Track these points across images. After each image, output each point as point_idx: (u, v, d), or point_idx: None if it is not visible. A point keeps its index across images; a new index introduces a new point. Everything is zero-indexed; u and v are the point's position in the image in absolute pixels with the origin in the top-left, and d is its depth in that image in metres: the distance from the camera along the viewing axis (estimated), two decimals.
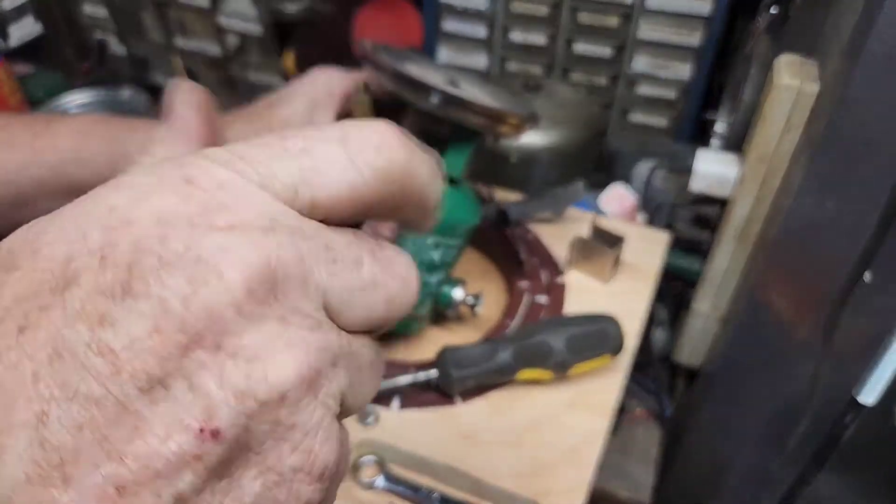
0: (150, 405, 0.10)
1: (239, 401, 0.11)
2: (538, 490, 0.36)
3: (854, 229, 0.38)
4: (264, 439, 0.11)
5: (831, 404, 0.37)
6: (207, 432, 0.11)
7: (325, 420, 0.12)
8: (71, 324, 0.10)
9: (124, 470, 0.10)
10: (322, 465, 0.12)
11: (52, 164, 0.36)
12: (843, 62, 0.36)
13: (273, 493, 0.12)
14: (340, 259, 0.13)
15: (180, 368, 0.11)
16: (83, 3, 0.92)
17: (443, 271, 0.42)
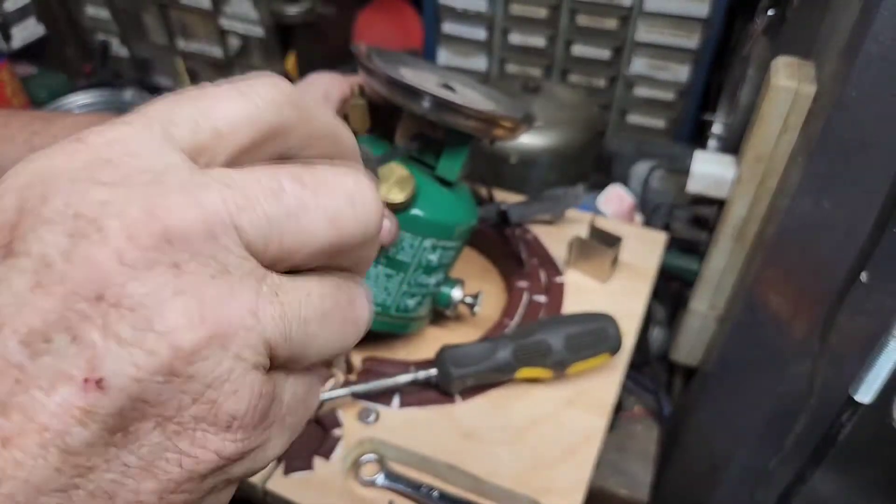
0: (31, 358, 0.10)
1: (125, 350, 0.11)
2: (537, 488, 0.36)
3: (851, 229, 0.38)
4: (160, 390, 0.11)
5: (828, 403, 0.38)
6: (91, 382, 0.10)
7: (234, 372, 0.11)
8: None
9: (8, 423, 0.10)
10: (228, 415, 0.12)
11: None
12: (840, 63, 0.36)
13: (174, 443, 0.11)
14: (251, 193, 0.12)
15: (62, 321, 0.10)
16: (85, 5, 0.92)
17: (441, 272, 0.42)
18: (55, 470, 0.10)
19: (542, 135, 0.64)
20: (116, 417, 0.11)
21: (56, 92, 0.88)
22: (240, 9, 0.82)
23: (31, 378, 0.10)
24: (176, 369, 0.11)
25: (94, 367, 0.10)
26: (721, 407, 0.50)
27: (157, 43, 0.91)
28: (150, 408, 0.11)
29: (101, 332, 0.11)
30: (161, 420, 0.11)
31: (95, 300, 0.11)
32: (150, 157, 0.12)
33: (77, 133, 0.12)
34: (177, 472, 0.12)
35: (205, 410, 0.11)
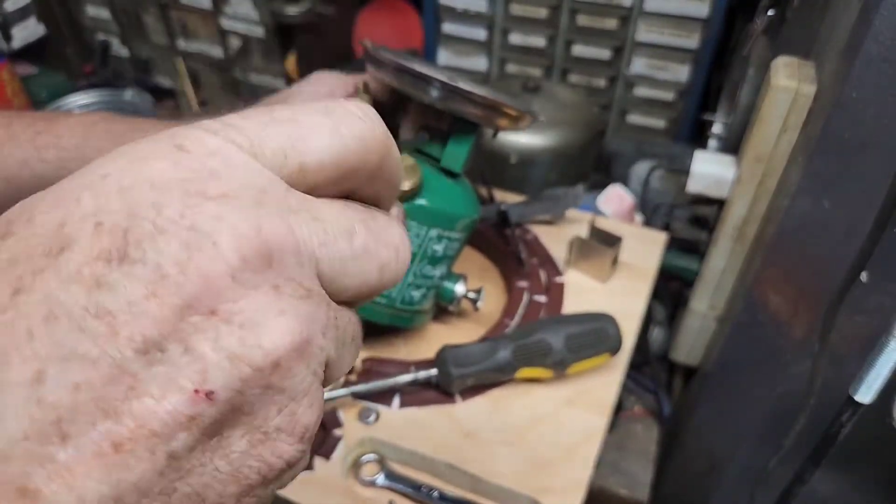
0: (146, 367, 0.11)
1: (233, 364, 0.11)
2: (537, 487, 0.36)
3: (850, 229, 0.38)
4: (255, 402, 0.12)
5: (828, 403, 0.38)
6: (202, 394, 0.11)
7: (312, 386, 0.13)
8: (66, 287, 0.11)
9: (121, 428, 0.11)
10: (304, 427, 0.13)
11: (54, 161, 0.36)
12: (840, 63, 0.36)
13: (257, 451, 0.12)
14: (331, 230, 0.13)
15: (176, 332, 0.11)
16: (86, 5, 0.92)
17: (445, 264, 0.42)
18: (159, 474, 0.11)
19: (542, 135, 0.64)
20: (217, 425, 0.11)
21: (56, 92, 0.88)
22: (240, 9, 0.82)
23: (144, 385, 0.11)
24: (273, 383, 0.12)
25: (205, 379, 0.11)
26: (721, 407, 0.50)
27: (158, 43, 0.91)
28: (245, 416, 0.12)
29: (213, 345, 0.11)
30: (250, 429, 0.12)
31: (208, 314, 0.11)
32: (251, 173, 0.12)
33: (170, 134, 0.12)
34: (255, 479, 0.12)
35: (287, 421, 0.12)
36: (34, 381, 0.10)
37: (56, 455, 0.10)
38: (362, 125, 0.14)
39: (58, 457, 0.10)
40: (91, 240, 0.11)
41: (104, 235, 0.11)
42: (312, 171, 0.13)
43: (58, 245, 0.11)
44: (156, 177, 0.11)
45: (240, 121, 0.13)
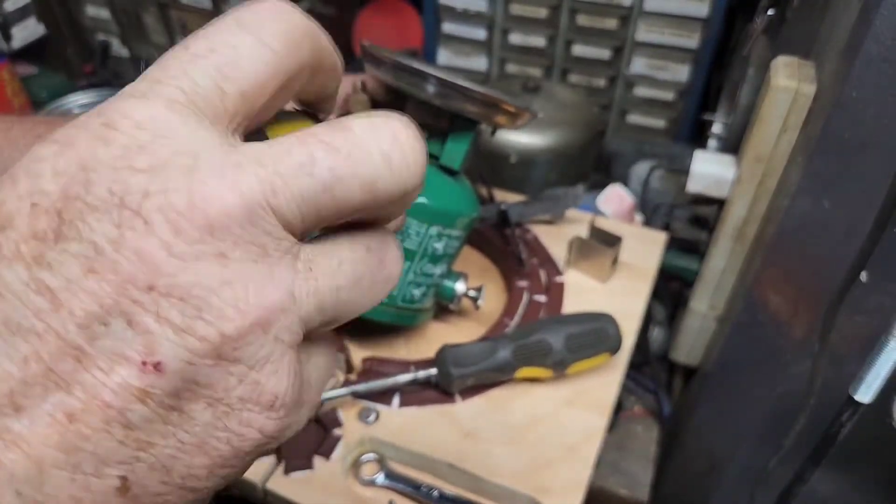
0: (90, 341, 0.11)
1: (179, 336, 0.11)
2: (537, 487, 0.36)
3: (850, 229, 0.38)
4: (209, 373, 0.12)
5: (828, 403, 0.38)
6: (150, 366, 0.11)
7: (273, 354, 0.12)
8: (8, 264, 0.11)
9: (72, 399, 0.11)
10: (271, 395, 0.12)
11: None
12: (840, 63, 0.36)
13: (223, 423, 0.12)
14: (283, 171, 0.12)
15: (117, 306, 0.11)
16: (86, 5, 0.92)
17: (446, 262, 0.42)
18: (118, 443, 0.11)
19: (542, 134, 0.64)
20: (172, 397, 0.11)
21: (56, 92, 0.88)
22: None
23: (91, 358, 0.11)
24: (224, 353, 0.12)
25: (151, 351, 0.11)
26: (721, 407, 0.50)
27: (158, 43, 0.91)
28: (202, 389, 0.12)
29: (156, 319, 0.11)
30: (212, 401, 0.12)
31: (147, 289, 0.11)
32: (183, 138, 0.12)
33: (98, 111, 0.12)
34: (226, 450, 0.12)
35: (249, 391, 0.12)
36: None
37: (11, 426, 0.11)
38: (280, 23, 0.13)
39: (13, 427, 0.11)
40: (28, 219, 0.11)
41: (41, 215, 0.11)
42: (255, 94, 0.13)
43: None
44: (86, 157, 0.11)
45: (163, 72, 0.12)
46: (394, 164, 0.13)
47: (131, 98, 0.12)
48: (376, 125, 0.13)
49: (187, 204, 0.11)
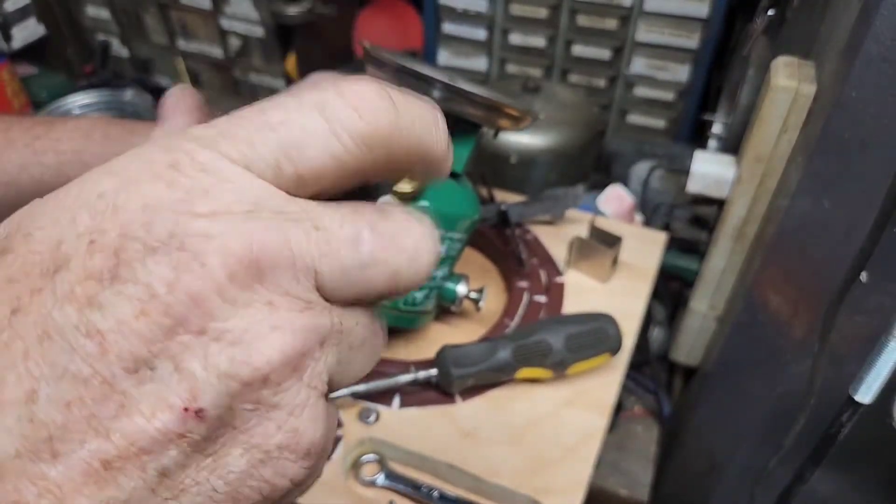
0: (136, 385, 0.11)
1: (222, 382, 0.11)
2: (537, 487, 0.36)
3: (850, 229, 0.38)
4: (249, 418, 0.12)
5: (828, 403, 0.38)
6: (192, 411, 0.11)
7: (310, 400, 0.12)
8: (60, 306, 0.11)
9: (110, 446, 0.11)
10: (307, 443, 0.12)
11: (52, 165, 0.36)
12: (840, 63, 0.36)
13: (259, 471, 0.12)
14: (333, 239, 0.12)
15: (165, 350, 0.11)
16: (86, 5, 0.92)
17: (448, 265, 0.42)
18: (150, 491, 0.11)
19: (542, 135, 0.64)
20: (209, 443, 0.11)
21: (56, 92, 0.88)
22: (240, 9, 0.82)
23: (134, 403, 0.11)
24: (264, 399, 0.12)
25: (194, 397, 0.11)
26: (721, 407, 0.50)
27: (158, 43, 0.91)
28: (240, 434, 0.12)
29: (202, 363, 0.11)
30: (249, 447, 0.12)
31: (198, 333, 0.11)
32: (243, 187, 0.12)
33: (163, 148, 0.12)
34: (256, 498, 0.12)
35: (289, 438, 0.12)
36: (27, 400, 0.10)
37: (47, 472, 0.10)
38: (362, 125, 0.12)
39: (49, 474, 0.10)
40: (84, 259, 0.11)
41: (97, 255, 0.11)
42: (311, 180, 0.13)
43: (54, 264, 0.11)
44: (149, 198, 0.11)
45: (232, 128, 0.12)
46: (415, 262, 0.13)
47: (197, 142, 0.12)
48: (412, 220, 0.14)
49: (244, 251, 0.11)
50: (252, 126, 0.12)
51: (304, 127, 0.12)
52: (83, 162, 0.37)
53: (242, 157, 0.12)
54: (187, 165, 0.12)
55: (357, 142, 0.13)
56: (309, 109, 0.12)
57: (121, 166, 0.12)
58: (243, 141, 0.12)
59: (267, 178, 0.12)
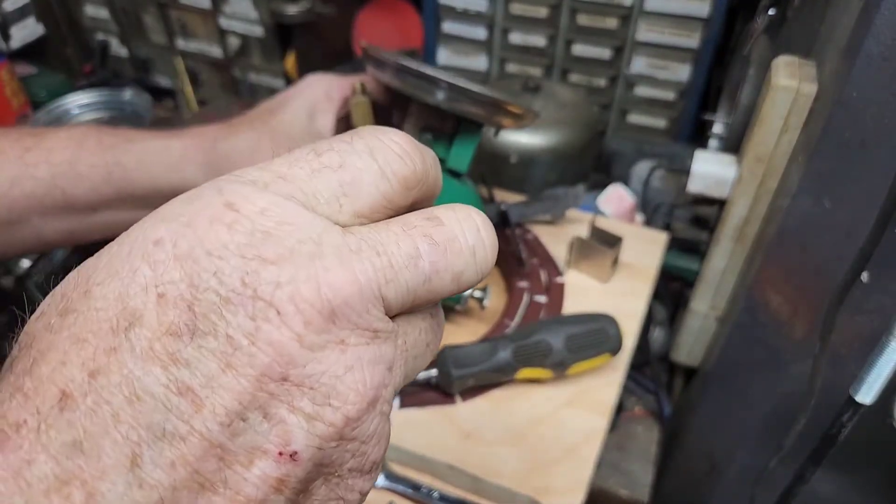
0: (231, 437, 0.11)
1: (311, 424, 0.12)
2: (537, 488, 0.36)
3: (851, 228, 0.38)
4: (332, 453, 0.12)
5: (829, 403, 0.38)
6: (286, 455, 0.11)
7: (378, 426, 0.13)
8: (143, 365, 0.11)
9: (218, 498, 0.11)
10: (373, 462, 0.13)
11: (45, 177, 0.35)
12: (841, 63, 0.36)
13: (335, 492, 0.13)
14: (396, 262, 0.13)
15: (254, 400, 0.11)
16: (85, 5, 0.92)
17: None
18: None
19: (542, 134, 0.64)
20: (303, 482, 0.12)
21: (56, 92, 0.88)
22: (239, 8, 0.81)
23: (232, 455, 0.11)
24: (345, 434, 0.12)
25: (286, 442, 0.12)
26: (721, 407, 0.50)
27: (157, 42, 0.91)
28: (325, 468, 0.12)
29: (289, 409, 0.11)
30: (328, 476, 0.13)
31: (281, 381, 0.11)
32: (304, 225, 0.12)
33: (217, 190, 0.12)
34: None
35: (359, 462, 0.13)
36: (132, 465, 0.10)
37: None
38: (405, 167, 0.14)
39: None
40: (157, 313, 0.11)
41: (169, 308, 0.11)
42: (364, 215, 0.13)
43: (124, 321, 0.11)
44: (211, 242, 0.11)
45: (288, 170, 0.13)
46: (478, 257, 0.14)
47: (253, 185, 0.12)
48: (462, 218, 0.14)
49: (315, 294, 0.12)
50: (311, 167, 0.13)
51: (360, 167, 0.13)
52: (77, 173, 0.36)
53: (304, 196, 0.13)
54: (245, 207, 0.12)
55: (401, 182, 0.14)
56: (361, 153, 0.13)
57: (173, 211, 0.12)
58: (304, 181, 0.13)
59: (325, 215, 0.13)
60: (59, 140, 0.36)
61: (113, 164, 0.36)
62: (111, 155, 0.36)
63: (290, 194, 0.12)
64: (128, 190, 0.36)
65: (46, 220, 0.36)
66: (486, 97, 0.35)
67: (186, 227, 0.11)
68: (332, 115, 0.40)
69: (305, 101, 0.39)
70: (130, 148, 0.36)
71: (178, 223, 0.12)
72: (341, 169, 0.13)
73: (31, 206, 0.35)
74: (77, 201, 0.36)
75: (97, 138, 0.37)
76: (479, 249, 0.14)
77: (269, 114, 0.39)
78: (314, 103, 0.39)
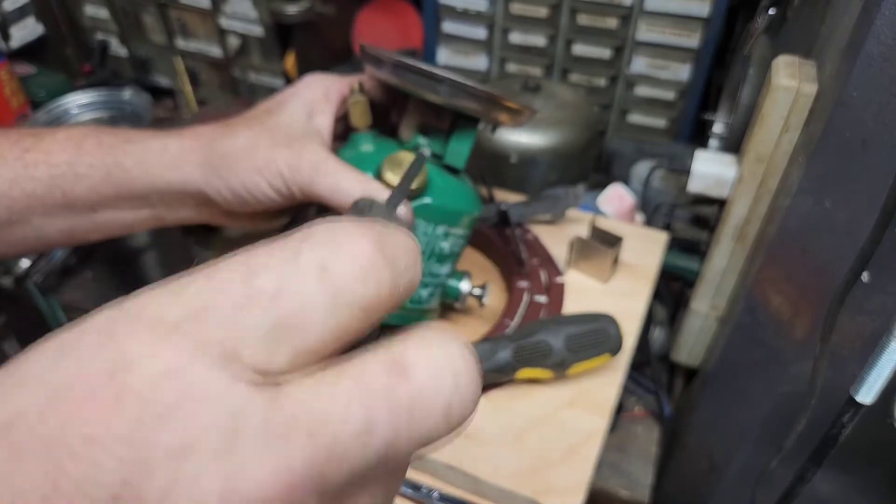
0: None
1: None
2: (538, 488, 0.36)
3: (852, 228, 0.38)
4: None
5: (829, 403, 0.38)
6: None
7: None
8: None
9: None
10: None
11: (44, 178, 0.35)
12: (841, 63, 0.36)
13: None
14: (339, 443, 0.09)
15: None
16: (85, 5, 0.92)
17: (451, 262, 0.42)
18: None
19: (542, 134, 0.64)
20: None
21: (55, 91, 0.88)
22: (239, 8, 0.81)
23: None
24: None
25: None
26: (722, 407, 0.50)
27: (157, 42, 0.91)
28: None
29: None
30: None
31: None
32: (215, 400, 0.09)
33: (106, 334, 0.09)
34: None
35: None
36: None
37: None
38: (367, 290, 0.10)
39: None
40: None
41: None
42: (311, 354, 0.10)
43: None
44: (90, 425, 0.08)
45: (207, 300, 0.10)
46: (453, 416, 0.11)
47: (156, 327, 0.09)
48: (438, 365, 0.11)
49: (220, 497, 0.09)
50: (238, 295, 0.10)
51: (305, 295, 0.10)
52: (76, 174, 0.35)
53: (221, 345, 0.09)
54: (138, 372, 0.09)
55: (362, 310, 0.11)
56: (307, 273, 0.10)
57: (42, 377, 0.09)
58: (224, 323, 0.09)
59: (255, 363, 0.10)
60: (57, 141, 0.36)
61: (112, 165, 0.36)
62: (110, 156, 0.36)
63: (203, 344, 0.09)
64: (127, 189, 0.36)
65: (46, 220, 0.36)
66: (482, 92, 0.35)
67: (55, 399, 0.08)
68: (329, 115, 0.39)
69: (303, 100, 0.39)
70: (129, 148, 0.36)
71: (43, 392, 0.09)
72: (279, 297, 0.10)
73: (31, 206, 0.35)
74: (77, 201, 0.36)
75: (96, 139, 0.36)
76: (456, 406, 0.11)
77: (267, 114, 0.38)
78: (312, 103, 0.39)
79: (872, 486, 0.47)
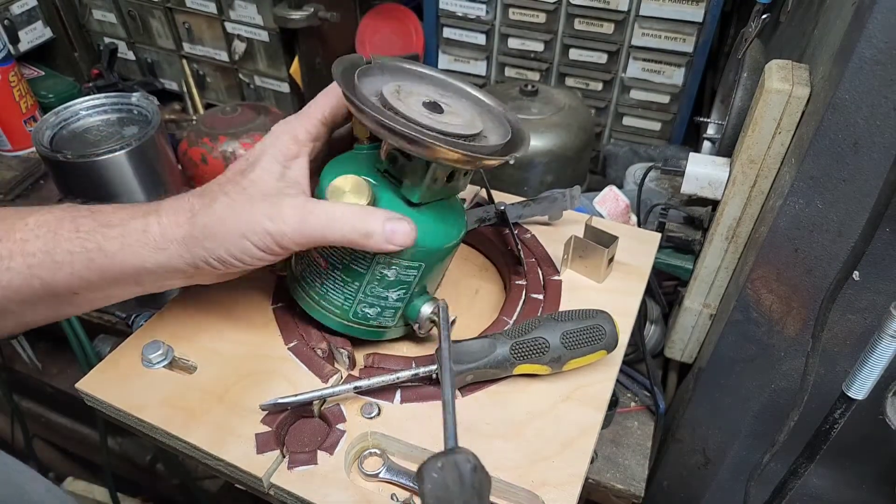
0: None
1: None
2: (535, 481, 0.36)
3: (843, 228, 0.39)
4: None
5: (821, 399, 0.38)
6: None
7: None
8: None
9: None
10: None
11: (21, 269, 0.34)
12: (833, 66, 0.37)
13: None
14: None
15: None
16: (93, 9, 0.93)
17: (402, 289, 0.41)
18: None
19: (539, 137, 0.65)
20: None
21: (63, 94, 0.89)
22: (245, 14, 0.83)
23: None
24: None
25: None
26: (715, 403, 0.51)
27: (164, 47, 0.92)
28: None
29: None
30: None
31: None
32: None
33: None
34: None
35: None
36: None
37: None
38: None
39: None
40: None
41: None
42: None
43: None
44: None
45: None
46: None
47: None
48: None
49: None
50: None
51: None
52: (55, 261, 0.34)
53: None
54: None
55: None
56: None
57: None
58: None
59: None
60: (31, 229, 0.35)
61: (94, 251, 0.35)
62: (91, 241, 0.35)
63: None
64: (112, 274, 0.35)
65: (26, 309, 0.35)
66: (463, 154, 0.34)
67: None
68: (304, 158, 0.39)
69: (274, 154, 0.38)
70: (109, 233, 0.35)
71: None
72: None
73: (9, 297, 0.34)
74: (57, 287, 0.35)
75: (72, 224, 0.35)
76: None
77: (241, 175, 0.37)
78: (283, 153, 0.38)
79: (864, 480, 0.48)
